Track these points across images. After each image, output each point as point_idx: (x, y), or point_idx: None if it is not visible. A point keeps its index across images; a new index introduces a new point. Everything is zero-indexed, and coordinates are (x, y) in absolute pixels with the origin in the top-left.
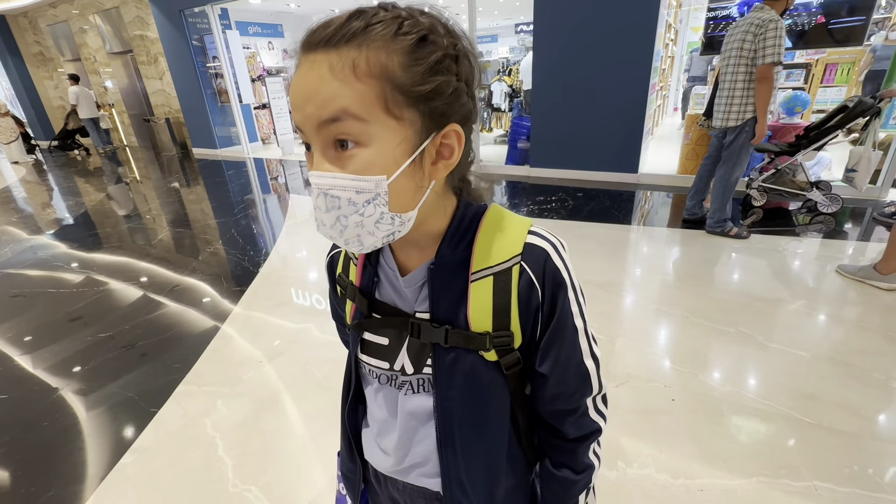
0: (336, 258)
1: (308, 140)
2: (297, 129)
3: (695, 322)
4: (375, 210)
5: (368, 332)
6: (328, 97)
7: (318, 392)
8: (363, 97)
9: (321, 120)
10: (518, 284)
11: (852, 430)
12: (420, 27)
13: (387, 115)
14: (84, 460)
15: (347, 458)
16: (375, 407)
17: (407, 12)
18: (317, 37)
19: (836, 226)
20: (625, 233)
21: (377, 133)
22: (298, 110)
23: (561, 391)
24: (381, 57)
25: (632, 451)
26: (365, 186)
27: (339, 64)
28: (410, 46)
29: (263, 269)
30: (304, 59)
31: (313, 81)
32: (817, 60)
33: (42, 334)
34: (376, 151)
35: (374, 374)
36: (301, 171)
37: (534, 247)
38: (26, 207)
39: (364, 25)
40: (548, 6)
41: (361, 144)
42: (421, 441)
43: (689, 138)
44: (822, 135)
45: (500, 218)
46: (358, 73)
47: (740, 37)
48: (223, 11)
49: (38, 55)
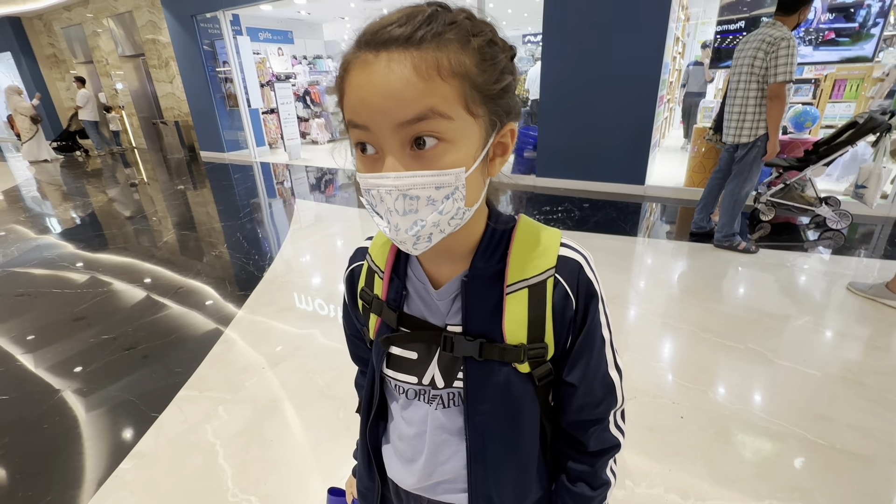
0: (357, 272)
1: (375, 142)
2: (356, 127)
3: (703, 337)
4: (453, 206)
5: (396, 345)
6: (414, 96)
7: (320, 400)
8: (448, 96)
9: (404, 120)
10: (553, 296)
11: (867, 454)
12: (486, 28)
13: (466, 112)
14: (83, 465)
15: (366, 477)
16: (403, 423)
17: (467, 13)
18: (392, 34)
19: (845, 242)
20: (631, 245)
21: (459, 129)
22: (373, 110)
23: (587, 401)
24: (461, 56)
25: (640, 470)
26: (446, 181)
27: (422, 64)
28: (483, 46)
29: (268, 273)
30: (375, 56)
31: (395, 80)
32: (826, 76)
33: (45, 334)
34: (458, 147)
35: (402, 390)
36: (307, 176)
37: (568, 259)
38: (34, 206)
39: (442, 25)
40: (556, 17)
41: (445, 141)
42: (451, 457)
43: (696, 151)
44: (832, 150)
45: (531, 230)
46: (442, 73)
47: (751, 53)
48: (234, 17)
49: (52, 57)
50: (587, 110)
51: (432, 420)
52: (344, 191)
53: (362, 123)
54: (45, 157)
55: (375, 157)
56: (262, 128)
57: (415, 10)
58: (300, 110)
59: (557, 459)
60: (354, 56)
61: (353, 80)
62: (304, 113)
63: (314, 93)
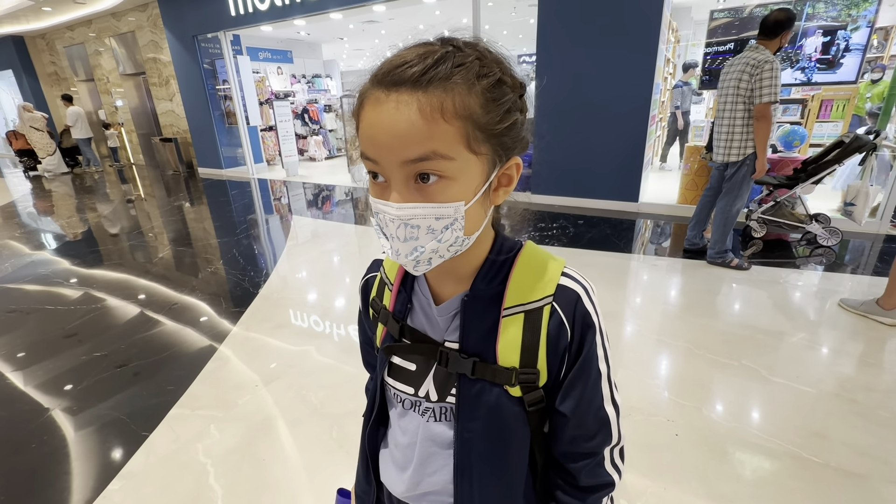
0: (371, 282)
1: (384, 173)
2: (367, 158)
3: (697, 354)
4: (452, 235)
5: (397, 355)
6: (418, 139)
7: (314, 419)
8: (450, 137)
9: (408, 159)
10: (548, 324)
11: (862, 472)
12: (494, 68)
13: (468, 151)
14: (70, 485)
15: (363, 480)
16: (399, 431)
17: (479, 52)
18: (402, 76)
19: (836, 258)
20: (626, 261)
21: (460, 168)
22: (381, 147)
23: (580, 433)
24: (466, 98)
25: (635, 489)
26: (445, 213)
27: (428, 106)
28: (489, 87)
29: (263, 290)
30: (386, 95)
31: (401, 122)
32: (813, 96)
33: (36, 351)
34: (457, 183)
35: (399, 398)
36: (304, 193)
37: (566, 289)
38: (30, 222)
39: (450, 67)
40: (550, 38)
41: (447, 178)
42: (439, 470)
43: (688, 169)
44: (820, 169)
45: (535, 256)
46: (446, 115)
47: (736, 76)
48: (235, 37)
49: (53, 75)
50: (581, 129)
51: (423, 431)
52: (341, 207)
53: (372, 157)
54: (64, 169)
55: (385, 184)
56: (261, 145)
57: (427, 52)
58: (298, 128)
59: (548, 489)
60: (369, 91)
61: (366, 116)
62: (302, 130)
63: (312, 111)
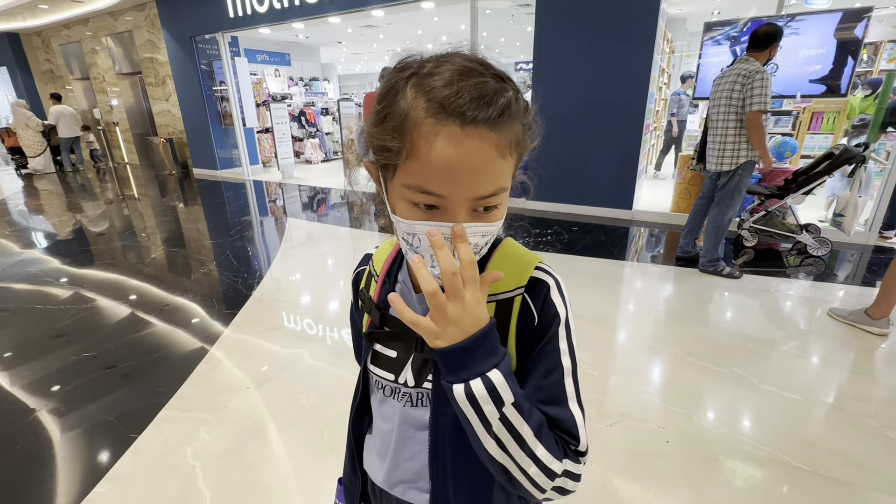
0: (361, 275)
1: (446, 206)
2: (430, 193)
3: (688, 361)
4: (486, 246)
5: (379, 343)
6: (493, 177)
7: (306, 422)
8: (509, 170)
9: (481, 195)
10: (518, 312)
11: (849, 480)
12: (521, 97)
13: (512, 178)
14: (55, 488)
15: (349, 469)
16: (380, 418)
17: (511, 81)
18: (481, 114)
19: (825, 268)
20: (619, 268)
21: (507, 194)
22: (459, 185)
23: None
24: (519, 132)
25: (626, 495)
26: (491, 230)
27: (502, 144)
28: (531, 120)
29: (256, 291)
30: (462, 131)
31: (483, 161)
32: (804, 108)
33: (23, 351)
34: (502, 207)
35: (380, 385)
36: (300, 195)
37: (538, 280)
38: (20, 220)
39: (512, 104)
40: (547, 46)
41: (500, 205)
42: (415, 455)
43: (681, 178)
44: (810, 180)
45: (511, 250)
46: (511, 151)
47: (728, 86)
48: (233, 39)
49: (48, 72)
50: (576, 136)
51: (402, 416)
52: (336, 210)
53: (439, 193)
54: (52, 169)
55: (434, 211)
56: (257, 146)
57: (495, 90)
58: (295, 130)
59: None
60: (436, 123)
61: (439, 152)
62: (298, 133)
63: (309, 113)
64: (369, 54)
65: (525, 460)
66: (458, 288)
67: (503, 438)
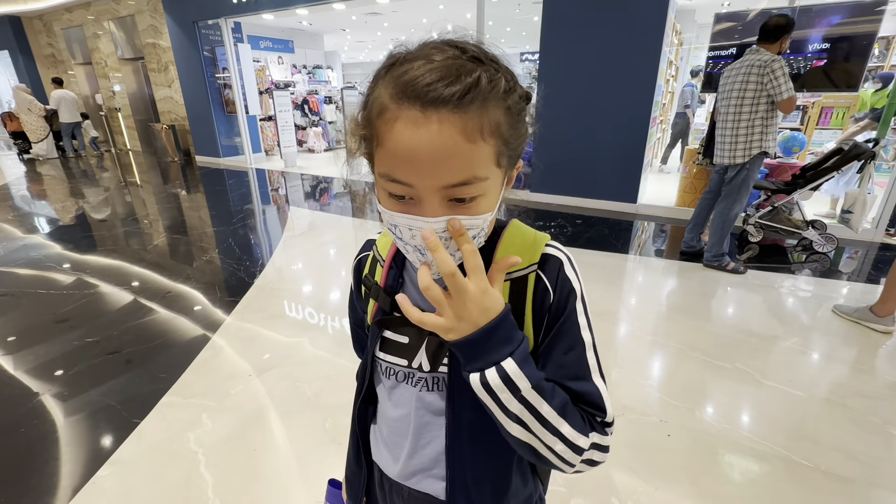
0: (364, 260)
1: (416, 195)
2: (395, 181)
3: (691, 356)
4: (476, 242)
5: (390, 329)
6: (461, 164)
7: (307, 410)
8: (486, 157)
9: (449, 184)
10: (533, 291)
11: (850, 476)
12: (512, 82)
13: (497, 167)
14: (59, 471)
15: (353, 461)
16: (389, 406)
17: (497, 64)
18: (441, 94)
19: (831, 265)
20: (622, 262)
21: (490, 184)
22: (422, 173)
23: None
24: (499, 116)
25: (626, 488)
26: (476, 224)
27: (469, 127)
28: (516, 104)
29: (258, 280)
30: (423, 115)
31: (445, 147)
32: (813, 103)
33: (27, 335)
34: (487, 198)
35: (392, 372)
36: (302, 184)
37: (550, 257)
38: (22, 205)
39: (486, 85)
40: (553, 37)
41: (479, 196)
42: (432, 441)
43: (687, 172)
44: (818, 175)
45: (520, 231)
46: (484, 135)
47: (741, 78)
48: (236, 25)
49: (50, 57)
50: (582, 128)
51: (417, 401)
52: (338, 200)
53: (406, 181)
54: (55, 154)
55: (411, 203)
56: (259, 134)
57: (458, 66)
58: (298, 118)
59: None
60: (396, 106)
61: (398, 137)
62: (301, 121)
63: (312, 102)
64: (373, 43)
65: (551, 438)
66: (461, 286)
67: (526, 420)
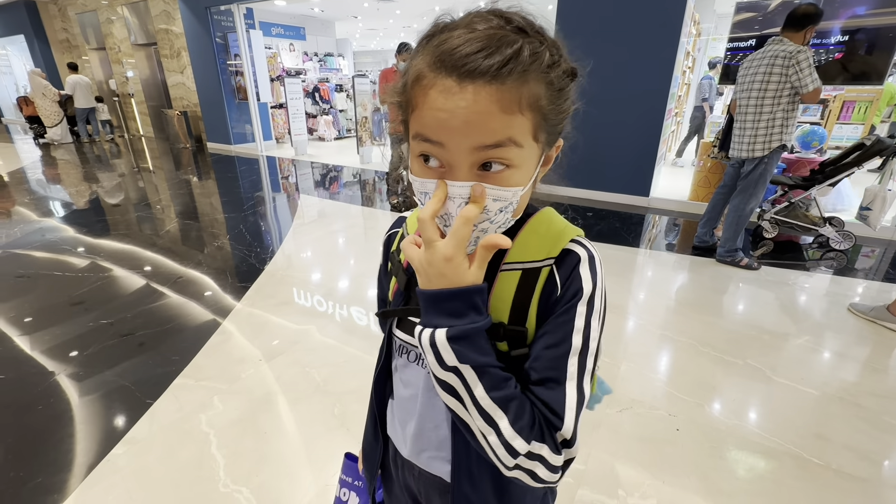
0: (393, 237)
1: (447, 157)
2: (428, 141)
3: (702, 351)
4: (503, 217)
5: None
6: (496, 128)
7: (316, 395)
8: (523, 128)
9: (483, 144)
10: (543, 285)
11: (862, 475)
12: (556, 55)
13: (533, 140)
14: (75, 448)
15: (371, 435)
16: (400, 384)
17: (543, 37)
18: (478, 66)
19: (847, 263)
20: (633, 255)
21: (525, 155)
22: (454, 132)
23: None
24: (539, 90)
25: (633, 480)
26: (505, 196)
27: (506, 99)
28: (558, 79)
29: (269, 266)
30: (459, 86)
31: (479, 113)
32: (835, 97)
33: (43, 316)
34: (519, 171)
35: (405, 350)
36: (313, 172)
37: (570, 252)
38: (38, 189)
39: (527, 58)
40: (569, 28)
41: (511, 167)
42: (439, 425)
43: (701, 165)
44: (838, 171)
45: (549, 220)
46: (522, 108)
47: (764, 69)
48: (248, 11)
49: (65, 42)
50: (596, 120)
51: (426, 382)
52: (348, 188)
53: (437, 140)
54: (69, 139)
55: (441, 169)
56: (270, 122)
57: (501, 39)
58: (308, 106)
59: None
60: (433, 76)
61: (432, 102)
62: (312, 109)
63: (323, 90)
64: (385, 30)
65: (485, 427)
66: (429, 238)
67: (458, 391)
